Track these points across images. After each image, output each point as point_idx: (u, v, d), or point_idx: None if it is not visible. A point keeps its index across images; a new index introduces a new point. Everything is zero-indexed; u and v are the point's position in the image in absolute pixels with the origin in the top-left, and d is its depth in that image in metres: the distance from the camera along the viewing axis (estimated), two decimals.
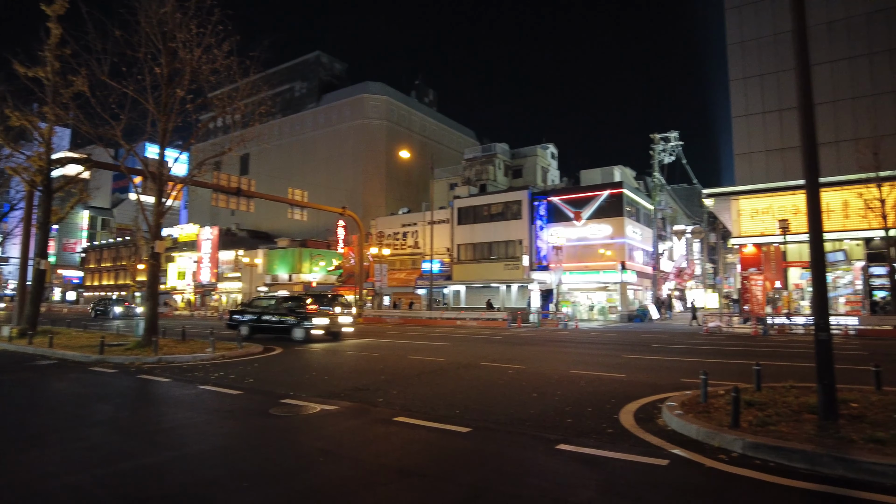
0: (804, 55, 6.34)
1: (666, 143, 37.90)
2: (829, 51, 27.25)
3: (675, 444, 5.23)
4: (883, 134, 22.99)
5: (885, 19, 26.53)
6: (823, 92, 27.03)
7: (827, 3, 27.51)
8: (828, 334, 5.89)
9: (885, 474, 4.18)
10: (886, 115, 25.55)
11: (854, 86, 26.80)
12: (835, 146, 26.20)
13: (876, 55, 26.57)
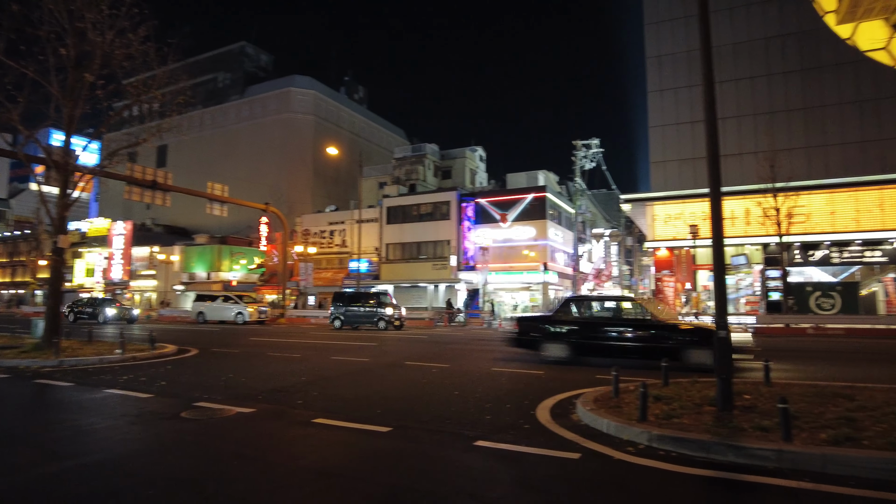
0: (709, 73, 6.81)
1: (587, 149, 39.43)
2: (734, 70, 29.39)
3: (587, 439, 5.47)
4: (778, 149, 25.03)
5: (780, 45, 28.96)
6: (729, 107, 29.14)
7: (732, 26, 29.66)
8: (726, 332, 6.34)
9: (768, 458, 4.58)
10: (781, 131, 27.87)
11: (755, 103, 29.06)
12: (739, 158, 28.28)
13: (773, 76, 28.94)
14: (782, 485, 4.16)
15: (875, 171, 25.99)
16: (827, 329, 21.52)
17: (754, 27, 29.44)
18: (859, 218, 25.87)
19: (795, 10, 28.81)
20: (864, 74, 27.33)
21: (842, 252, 26.58)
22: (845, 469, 4.36)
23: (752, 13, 29.58)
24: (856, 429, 5.14)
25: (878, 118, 26.58)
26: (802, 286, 26.76)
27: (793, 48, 28.77)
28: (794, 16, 28.83)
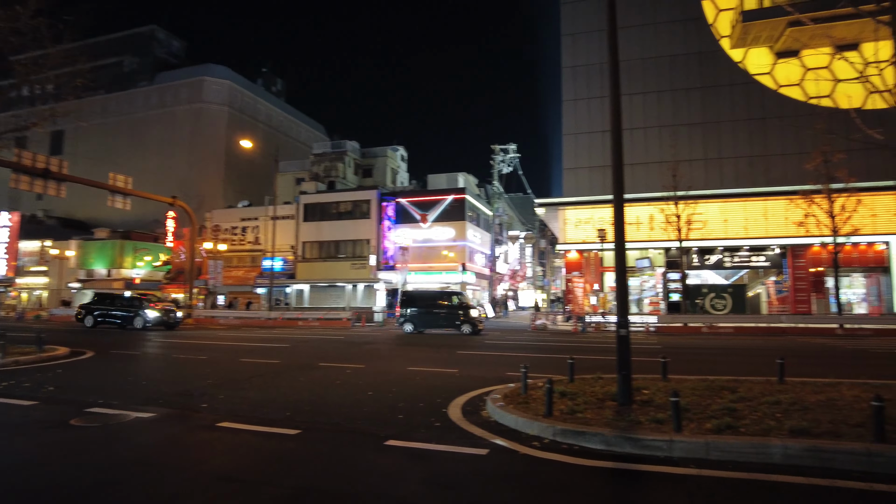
0: (616, 85, 7.19)
1: (505, 154, 40.49)
2: (643, 83, 31.17)
3: (495, 435, 5.62)
4: (680, 159, 26.82)
5: (684, 63, 31.06)
6: (637, 119, 30.87)
7: (642, 43, 31.45)
8: (627, 331, 6.72)
9: (660, 448, 4.91)
10: (683, 143, 29.87)
11: (660, 116, 30.97)
12: (645, 167, 30.00)
13: (677, 92, 30.98)
14: (671, 472, 4.48)
15: (761, 183, 28.49)
16: (719, 328, 23.33)
17: (662, 45, 31.37)
18: (747, 226, 28.25)
19: (697, 33, 31.00)
20: (753, 95, 29.87)
21: (733, 257, 28.92)
22: (725, 454, 4.77)
23: (660, 31, 31.48)
24: (736, 418, 5.62)
25: (763, 136, 29.12)
26: (699, 288, 28.87)
27: (694, 67, 30.92)
28: (696, 37, 31.00)
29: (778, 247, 28.10)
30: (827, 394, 6.86)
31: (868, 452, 4.50)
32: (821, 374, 8.77)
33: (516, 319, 35.42)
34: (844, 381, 7.87)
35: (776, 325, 23.04)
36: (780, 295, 28.36)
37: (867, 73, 6.40)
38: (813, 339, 19.37)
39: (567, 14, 32.84)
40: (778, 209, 27.46)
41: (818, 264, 26.93)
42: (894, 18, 5.95)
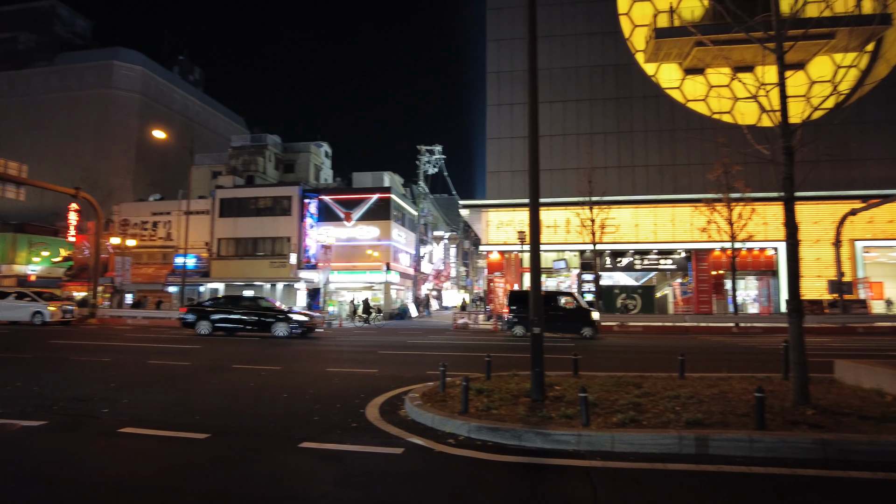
0: (534, 93, 7.41)
1: (431, 155, 40.76)
2: (564, 92, 32.36)
3: (412, 433, 5.66)
4: (596, 166, 28.07)
5: (601, 73, 32.52)
6: (557, 126, 32.01)
7: (563, 53, 32.63)
8: (540, 329, 6.97)
9: (569, 442, 5.14)
10: (599, 150, 31.28)
11: (578, 124, 32.27)
12: (563, 172, 31.14)
13: (595, 101, 32.39)
14: (578, 465, 4.69)
15: (669, 191, 30.36)
16: (629, 326, 24.61)
17: (581, 55, 32.69)
18: (657, 231, 30.02)
19: (614, 46, 32.55)
20: (664, 107, 31.77)
21: (643, 259, 30.63)
22: (628, 447, 5.06)
23: (580, 42, 32.79)
24: (639, 412, 5.98)
25: (672, 146, 31.06)
26: (611, 289, 30.35)
27: (611, 78, 32.46)
28: (613, 50, 32.54)
29: (684, 251, 30.06)
30: (720, 387, 7.43)
31: (750, 439, 4.93)
32: (716, 370, 9.47)
33: (439, 319, 35.72)
34: (735, 376, 8.54)
35: (681, 324, 24.61)
36: (684, 296, 30.32)
37: (757, 94, 6.97)
38: (712, 337, 20.86)
39: (493, 20, 33.50)
40: (684, 216, 29.36)
41: (718, 267, 29.05)
42: (778, 46, 6.54)
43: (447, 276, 52.70)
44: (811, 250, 28.89)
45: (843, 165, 29.35)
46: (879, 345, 16.70)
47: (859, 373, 7.63)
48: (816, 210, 28.78)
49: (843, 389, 7.32)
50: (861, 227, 28.46)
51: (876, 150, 30.03)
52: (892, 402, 6.44)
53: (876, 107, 29.94)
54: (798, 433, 5.06)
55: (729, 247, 24.00)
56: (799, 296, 6.40)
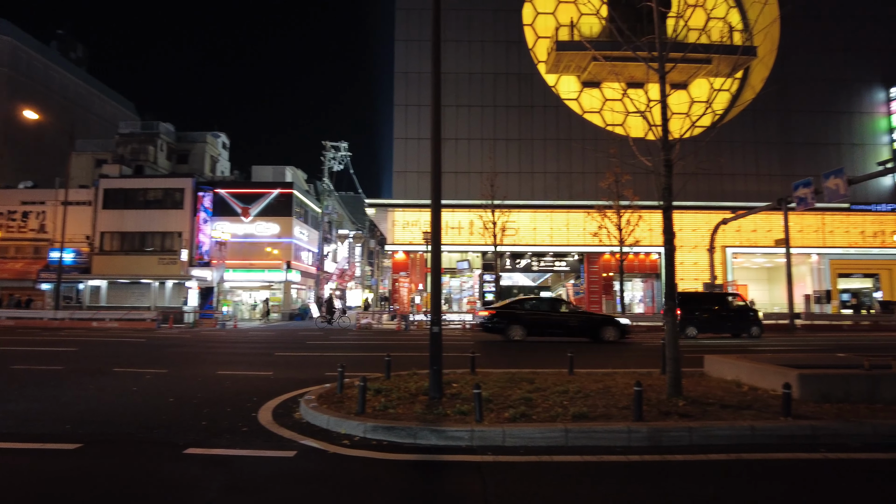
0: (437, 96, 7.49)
1: (336, 151, 40.01)
2: (469, 96, 33.02)
3: (306, 436, 5.53)
4: (498, 171, 28.93)
5: (505, 81, 33.54)
6: (462, 129, 32.61)
7: (470, 58, 33.29)
8: (439, 329, 7.07)
9: (462, 438, 5.26)
10: (501, 155, 32.28)
11: (483, 128, 33.07)
12: (467, 175, 31.79)
13: (498, 107, 33.34)
14: (470, 460, 4.81)
15: (565, 197, 31.96)
16: None
17: (487, 62, 33.51)
18: (553, 234, 31.47)
19: (518, 55, 33.70)
20: (562, 117, 33.36)
21: (540, 261, 31.98)
22: (518, 441, 5.26)
23: (486, 49, 33.60)
24: (531, 407, 6.23)
25: (568, 155, 32.69)
26: (510, 289, 31.43)
27: (514, 86, 33.57)
28: (517, 59, 33.67)
29: (577, 254, 31.73)
30: (605, 382, 7.92)
31: (629, 430, 5.31)
32: (603, 366, 10.09)
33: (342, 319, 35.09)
34: (619, 371, 9.15)
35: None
36: (577, 296, 31.99)
37: (644, 110, 7.51)
38: None
39: (401, 20, 33.48)
40: (578, 221, 31.00)
41: (608, 270, 30.96)
42: (661, 66, 7.11)
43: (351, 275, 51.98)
44: (691, 255, 31.60)
45: (717, 179, 32.38)
46: (742, 341, 18.55)
47: (723, 366, 8.45)
48: (695, 219, 31.52)
49: (710, 382, 8.07)
50: (731, 235, 31.53)
51: (743, 167, 33.45)
52: (748, 391, 7.20)
53: (743, 128, 33.35)
54: (670, 423, 5.52)
55: (618, 251, 25.63)
56: (674, 297, 6.98)
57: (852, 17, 34.68)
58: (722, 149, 31.97)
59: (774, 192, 29.43)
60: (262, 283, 34.74)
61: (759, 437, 5.36)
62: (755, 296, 34.67)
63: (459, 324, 25.81)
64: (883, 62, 35.02)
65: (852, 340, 18.69)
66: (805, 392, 6.61)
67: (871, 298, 33.75)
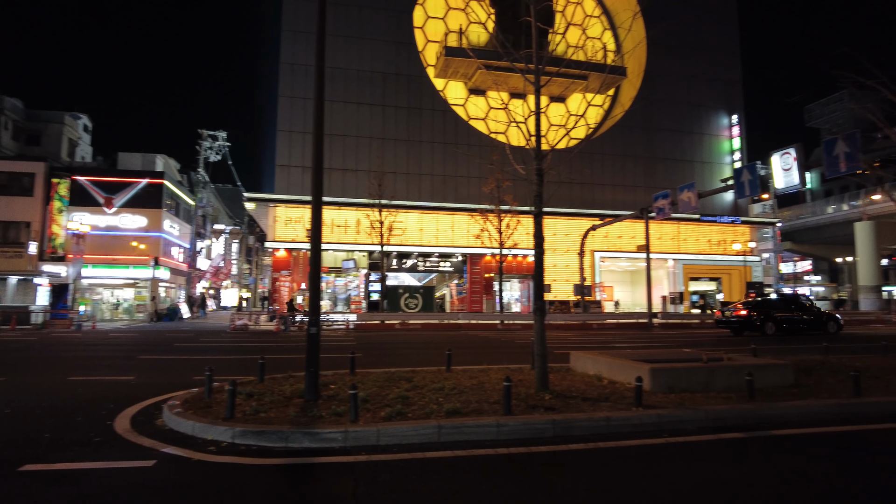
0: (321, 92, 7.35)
1: (214, 140, 37.76)
2: (359, 94, 32.71)
3: (167, 444, 5.19)
4: (386, 170, 28.96)
5: (395, 81, 33.64)
6: (351, 126, 32.23)
7: (360, 55, 32.96)
8: (317, 329, 6.96)
9: (336, 439, 5.22)
10: (390, 155, 32.34)
11: (372, 127, 32.92)
12: (355, 173, 31.48)
13: (387, 107, 33.36)
14: (343, 461, 4.79)
15: (451, 199, 32.73)
16: (410, 324, 25.83)
17: (378, 61, 33.37)
18: (438, 235, 32.09)
19: (408, 57, 33.94)
20: (449, 122, 34.13)
21: (425, 262, 32.48)
22: (393, 439, 5.32)
23: (377, 48, 33.43)
24: (407, 405, 6.33)
25: (455, 158, 33.49)
26: (396, 288, 31.53)
27: (404, 87, 33.76)
28: (407, 60, 33.90)
29: (461, 255, 32.63)
30: (479, 379, 8.23)
31: (498, 424, 5.58)
32: (479, 363, 10.45)
33: (216, 320, 33.18)
34: (494, 367, 9.55)
35: (455, 322, 26.63)
36: (460, 296, 32.90)
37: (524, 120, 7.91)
38: (481, 333, 22.93)
39: (289, 9, 32.38)
40: (462, 223, 31.87)
41: (489, 271, 32.15)
42: (537, 79, 7.55)
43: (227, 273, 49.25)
44: (563, 258, 33.69)
45: (589, 188, 34.80)
46: (606, 338, 20.14)
47: (587, 362, 9.13)
48: (568, 224, 33.66)
49: (575, 376, 8.68)
50: (599, 240, 34.06)
51: (612, 178, 36.28)
52: (607, 385, 7.84)
53: (613, 142, 36.21)
54: (536, 416, 5.88)
55: (498, 253, 26.71)
56: (542, 297, 7.43)
57: (706, 48, 38.98)
58: (594, 160, 34.55)
59: (638, 202, 32.27)
60: (126, 281, 31.86)
61: (613, 427, 5.86)
62: (620, 297, 37.76)
63: (343, 324, 25.46)
64: (727, 91, 39.76)
65: (698, 337, 20.98)
66: (655, 384, 7.32)
67: (715, 299, 38.13)
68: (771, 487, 4.17)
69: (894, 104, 9.64)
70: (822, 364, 9.45)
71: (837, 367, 9.05)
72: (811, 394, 7.16)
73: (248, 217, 50.19)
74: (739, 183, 20.83)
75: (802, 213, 50.56)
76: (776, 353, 12.01)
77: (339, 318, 26.94)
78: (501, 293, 28.37)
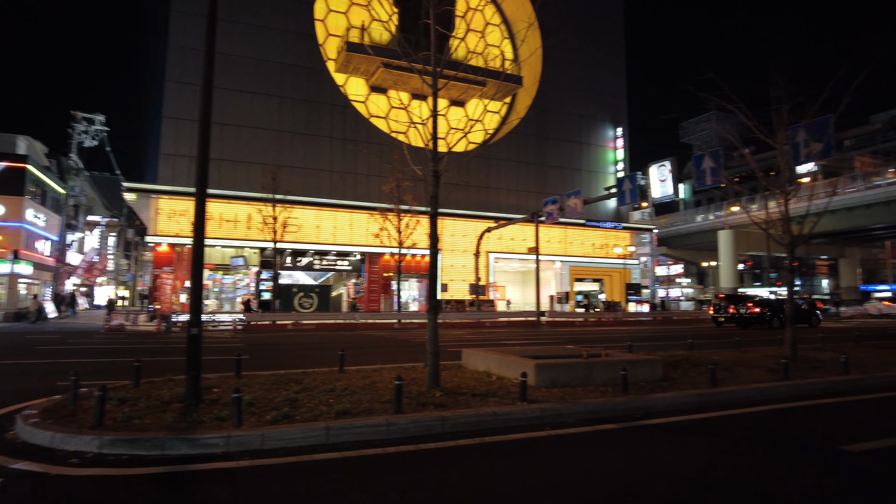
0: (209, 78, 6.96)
1: (90, 124, 34.50)
2: (254, 83, 31.28)
3: (20, 458, 4.68)
4: (282, 164, 27.99)
5: (294, 73, 32.58)
6: (245, 116, 30.76)
7: (258, 43, 31.53)
8: (199, 330, 6.59)
9: (217, 445, 4.99)
10: (286, 149, 31.33)
11: (268, 119, 31.64)
12: (248, 166, 30.08)
13: (285, 99, 32.25)
14: (224, 467, 4.59)
15: (350, 197, 32.26)
16: (304, 324, 25.15)
17: (276, 51, 32.06)
18: (336, 233, 31.51)
19: (308, 48, 32.99)
20: (350, 118, 33.62)
21: (322, 260, 31.76)
22: (279, 443, 5.17)
23: (275, 37, 32.13)
24: (295, 407, 6.17)
25: (355, 155, 33.05)
26: (290, 287, 30.55)
27: (303, 79, 32.75)
28: (307, 52, 32.92)
29: (359, 253, 32.27)
30: (372, 378, 8.21)
31: (388, 423, 5.60)
32: (374, 362, 10.42)
33: (88, 320, 30.28)
34: (388, 367, 9.57)
35: (352, 322, 26.30)
36: (358, 294, 32.54)
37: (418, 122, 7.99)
38: (378, 333, 22.85)
39: None
40: (361, 221, 31.55)
41: (388, 270, 32.08)
42: (434, 81, 7.67)
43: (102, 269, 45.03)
44: (461, 258, 34.40)
45: (485, 191, 35.82)
46: (498, 336, 20.86)
47: (477, 359, 9.41)
48: (466, 226, 34.42)
49: (466, 373, 8.91)
50: (494, 242, 35.15)
51: (507, 182, 37.61)
52: (496, 381, 8.13)
53: (508, 148, 37.52)
54: (426, 413, 5.97)
55: (397, 252, 26.71)
56: (437, 296, 7.56)
57: (595, 64, 41.53)
58: (491, 164, 35.65)
59: (530, 206, 33.70)
60: None
61: (499, 421, 6.09)
62: (512, 296, 39.25)
63: (231, 324, 24.26)
64: (613, 105, 42.63)
65: (582, 334, 22.33)
66: (539, 379, 7.70)
67: (597, 299, 40.74)
68: (637, 470, 4.55)
69: (749, 128, 10.83)
70: (687, 358, 10.41)
71: (699, 361, 10.02)
72: (676, 386, 7.88)
73: (127, 209, 46.18)
74: (621, 191, 22.43)
75: (676, 220, 55.39)
76: (762, 344, 13.04)
77: (226, 319, 25.65)
78: (399, 292, 28.41)
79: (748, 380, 8.46)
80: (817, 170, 39.00)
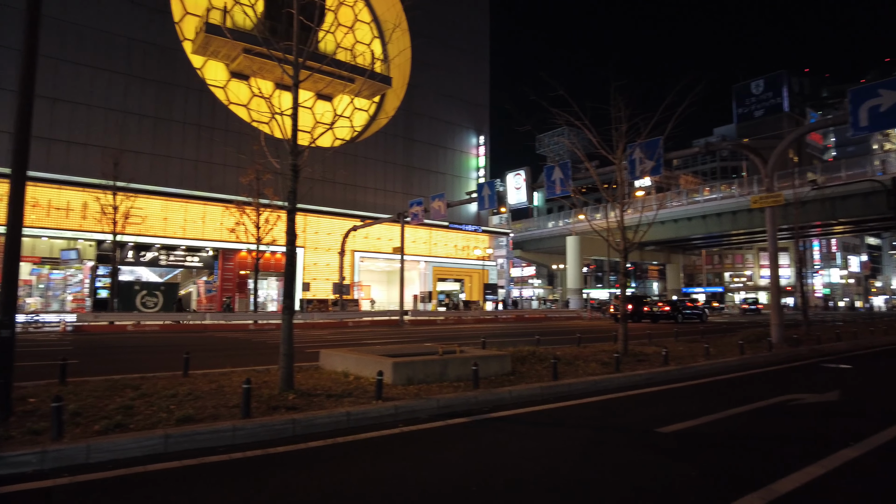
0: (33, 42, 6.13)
1: None
2: (94, 57, 27.98)
3: None
4: (126, 149, 25.37)
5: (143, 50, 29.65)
6: (83, 93, 27.43)
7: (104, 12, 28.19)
8: (11, 332, 5.76)
9: (29, 462, 4.41)
10: (132, 132, 28.47)
11: (110, 98, 28.47)
12: (84, 147, 26.87)
13: (133, 78, 29.25)
14: (38, 486, 4.08)
15: (203, 188, 30.09)
16: (147, 325, 23.01)
17: (123, 23, 28.93)
18: (186, 227, 29.21)
19: (162, 25, 30.22)
20: (206, 103, 31.39)
21: (169, 255, 29.25)
22: (108, 455, 4.70)
23: (124, 9, 28.98)
24: (130, 415, 5.65)
25: (210, 144, 30.96)
26: (131, 285, 27.72)
27: (154, 58, 29.91)
28: (160, 29, 30.14)
29: (212, 249, 30.22)
30: (220, 382, 7.76)
31: (233, 428, 5.34)
32: (224, 366, 9.86)
33: None
34: (238, 370, 9.10)
35: (201, 322, 24.57)
36: (209, 294, 30.46)
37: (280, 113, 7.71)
38: (231, 334, 21.58)
39: None
40: (215, 214, 29.60)
41: (244, 267, 30.43)
42: (296, 72, 7.44)
43: None
44: (325, 257, 33.68)
45: (352, 189, 35.46)
46: (361, 335, 20.76)
47: (335, 359, 9.29)
48: (331, 224, 33.78)
49: (323, 374, 8.76)
50: (360, 241, 34.92)
51: (374, 182, 37.56)
52: (353, 381, 8.09)
53: (376, 148, 37.52)
54: (276, 417, 5.78)
55: (255, 248, 25.49)
56: (292, 296, 7.36)
57: (461, 72, 42.99)
58: (358, 163, 35.36)
59: (397, 206, 33.99)
60: None
61: (353, 421, 6.08)
62: (377, 296, 39.26)
63: (59, 325, 21.48)
64: (476, 114, 44.45)
65: (442, 332, 22.96)
66: (396, 377, 7.80)
67: (458, 298, 42.19)
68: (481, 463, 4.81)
69: (593, 144, 11.91)
70: (534, 353, 11.16)
71: (544, 356, 10.78)
72: (523, 380, 8.43)
73: None
74: (481, 196, 23.45)
75: (530, 226, 59.11)
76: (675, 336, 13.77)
77: (53, 319, 22.69)
78: (257, 292, 27.08)
79: (585, 373, 9.29)
80: (651, 185, 44.01)
